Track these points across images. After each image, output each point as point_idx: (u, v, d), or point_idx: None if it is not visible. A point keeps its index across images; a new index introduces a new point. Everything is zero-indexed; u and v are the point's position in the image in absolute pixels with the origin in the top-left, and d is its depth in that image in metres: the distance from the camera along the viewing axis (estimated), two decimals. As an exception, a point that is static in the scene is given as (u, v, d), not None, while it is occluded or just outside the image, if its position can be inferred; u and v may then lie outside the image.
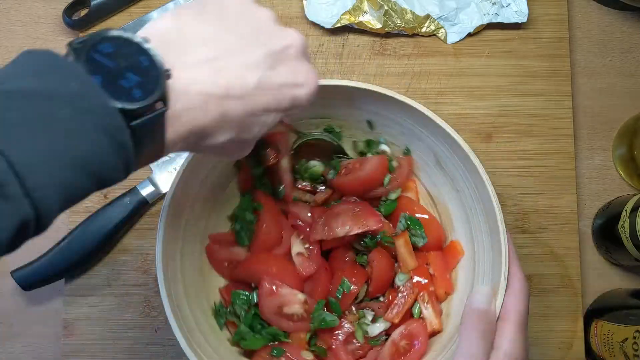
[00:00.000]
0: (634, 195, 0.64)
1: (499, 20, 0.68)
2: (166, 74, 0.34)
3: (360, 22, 0.67)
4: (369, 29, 0.68)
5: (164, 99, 0.34)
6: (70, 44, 0.33)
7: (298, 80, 0.40)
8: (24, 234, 0.30)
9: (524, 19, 0.68)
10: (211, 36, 0.38)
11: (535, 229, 0.67)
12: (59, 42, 0.69)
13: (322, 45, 0.69)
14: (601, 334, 0.62)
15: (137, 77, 0.33)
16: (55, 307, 0.65)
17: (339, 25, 0.67)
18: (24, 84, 0.31)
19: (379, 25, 0.67)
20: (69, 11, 0.66)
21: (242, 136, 0.40)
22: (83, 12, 0.67)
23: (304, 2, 0.68)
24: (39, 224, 0.30)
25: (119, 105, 0.32)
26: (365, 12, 0.67)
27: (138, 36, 0.35)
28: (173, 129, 0.35)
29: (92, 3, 0.66)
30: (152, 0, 0.68)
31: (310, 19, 0.67)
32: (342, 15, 0.67)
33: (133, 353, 0.63)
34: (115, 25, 0.67)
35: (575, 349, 0.65)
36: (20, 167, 0.29)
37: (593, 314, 0.65)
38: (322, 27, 0.68)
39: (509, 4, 0.69)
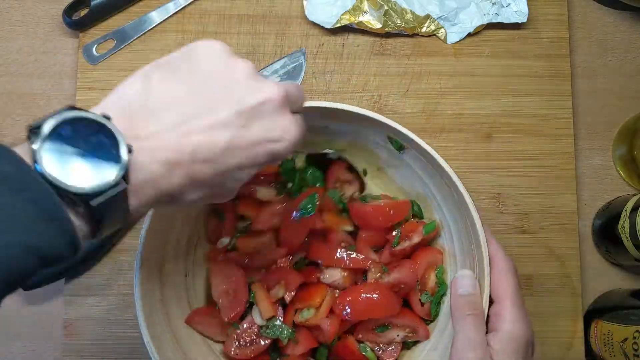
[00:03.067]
0: (634, 195, 0.64)
1: (499, 20, 0.68)
2: (128, 149, 0.33)
3: (360, 22, 0.67)
4: (369, 29, 0.68)
5: (124, 176, 0.33)
6: (28, 129, 0.33)
7: (273, 135, 0.39)
8: None
9: (524, 19, 0.68)
10: (179, 99, 0.37)
11: (535, 229, 0.67)
12: (59, 42, 0.69)
13: (322, 45, 0.69)
14: (601, 334, 0.62)
15: (97, 157, 0.33)
16: (55, 307, 0.65)
17: (339, 25, 0.67)
18: None
19: (379, 25, 0.67)
20: (69, 11, 0.66)
21: (214, 192, 0.39)
22: (83, 12, 0.67)
23: (304, 2, 0.68)
24: None
25: (74, 189, 0.32)
26: (365, 12, 0.67)
27: (98, 113, 0.34)
28: (136, 198, 0.35)
29: (92, 3, 0.66)
30: (152, 0, 0.68)
31: (310, 19, 0.67)
32: (342, 15, 0.67)
33: (133, 353, 0.63)
34: (115, 25, 0.67)
35: (575, 349, 0.65)
36: None
37: (593, 314, 0.65)
38: (322, 27, 0.68)
39: (509, 4, 0.69)
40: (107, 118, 0.34)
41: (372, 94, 0.68)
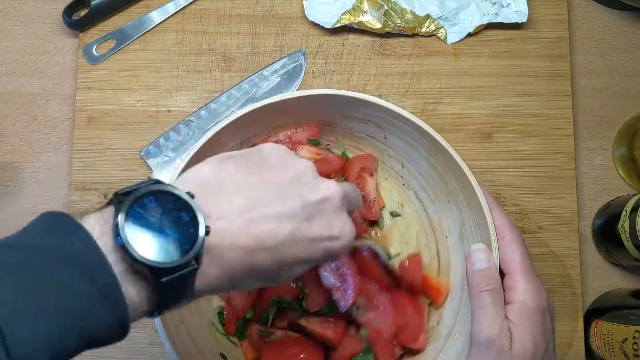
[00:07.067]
0: (634, 195, 0.64)
1: (499, 20, 0.68)
2: (206, 231, 0.34)
3: (360, 22, 0.67)
4: (369, 29, 0.68)
5: (198, 256, 0.34)
6: (116, 194, 0.34)
7: (333, 233, 0.40)
8: None
9: (524, 19, 0.68)
10: (249, 186, 0.38)
11: (535, 229, 0.67)
12: (59, 42, 0.69)
13: (322, 45, 0.69)
14: (601, 334, 0.62)
15: (175, 233, 0.33)
16: (55, 307, 0.65)
17: (339, 25, 0.67)
18: (28, 238, 0.31)
19: (379, 25, 0.67)
20: (69, 11, 0.66)
21: (269, 283, 0.40)
22: (83, 12, 0.67)
23: (304, 2, 0.68)
24: None
25: (149, 263, 0.32)
26: (365, 12, 0.67)
27: (184, 191, 0.35)
28: (201, 281, 0.35)
29: (92, 3, 0.66)
30: (152, 0, 0.68)
31: (310, 19, 0.67)
32: (342, 15, 0.67)
33: (133, 353, 0.63)
34: (115, 25, 0.67)
35: (575, 349, 0.65)
36: (2, 321, 0.28)
37: (593, 314, 0.65)
38: (322, 27, 0.68)
39: (509, 4, 0.69)
40: (192, 196, 0.35)
41: (372, 94, 0.68)
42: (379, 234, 0.63)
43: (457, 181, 0.55)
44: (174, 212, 0.34)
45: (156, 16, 0.68)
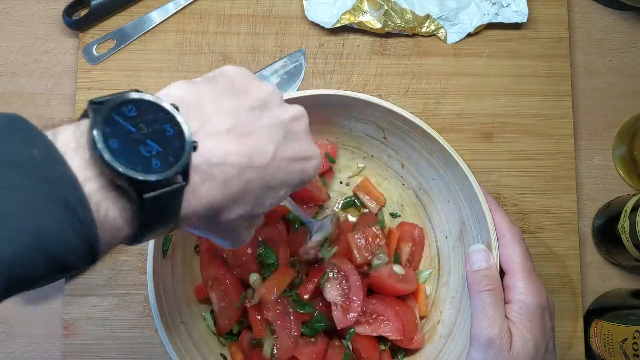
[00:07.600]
0: (634, 195, 0.64)
1: (499, 20, 0.68)
2: (193, 146, 0.32)
3: (360, 22, 0.67)
4: (369, 29, 0.68)
5: (185, 172, 0.32)
6: (90, 102, 0.31)
7: (307, 153, 0.40)
8: None
9: (524, 19, 0.68)
10: (229, 107, 0.36)
11: (535, 229, 0.67)
12: (59, 42, 0.69)
13: (322, 45, 0.69)
14: (601, 334, 0.62)
15: (158, 146, 0.31)
16: (55, 307, 0.65)
17: (339, 25, 0.67)
18: None
19: (379, 25, 0.67)
20: (69, 11, 0.66)
21: (254, 211, 0.38)
22: (83, 12, 0.67)
23: (304, 2, 0.68)
24: None
25: (130, 174, 0.29)
26: (365, 12, 0.67)
27: (167, 102, 0.32)
28: (188, 203, 0.33)
29: (92, 3, 0.66)
30: (152, 0, 0.68)
31: (310, 19, 0.67)
32: (342, 15, 0.67)
33: (133, 353, 0.63)
34: (115, 25, 0.67)
35: (575, 349, 0.65)
36: None
37: (593, 314, 0.65)
38: (322, 27, 0.68)
39: (509, 4, 0.69)
40: (176, 109, 0.33)
41: (372, 94, 0.68)
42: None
43: (457, 181, 0.55)
44: (156, 124, 0.31)
45: (156, 16, 0.68)
